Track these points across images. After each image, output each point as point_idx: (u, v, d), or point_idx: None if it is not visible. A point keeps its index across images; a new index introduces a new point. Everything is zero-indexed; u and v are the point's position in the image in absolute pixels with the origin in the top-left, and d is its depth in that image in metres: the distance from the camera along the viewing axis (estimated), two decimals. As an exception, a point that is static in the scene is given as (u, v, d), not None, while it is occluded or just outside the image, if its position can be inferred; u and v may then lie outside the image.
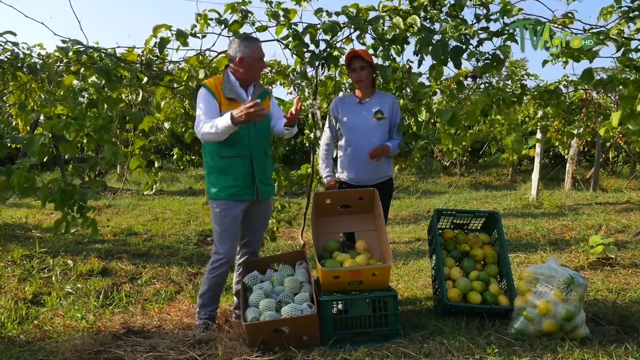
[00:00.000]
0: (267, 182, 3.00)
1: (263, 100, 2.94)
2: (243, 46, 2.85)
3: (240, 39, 2.89)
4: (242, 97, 2.90)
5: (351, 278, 2.72)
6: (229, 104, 2.84)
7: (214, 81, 2.91)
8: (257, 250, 3.16)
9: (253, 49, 2.86)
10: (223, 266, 2.91)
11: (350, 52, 3.23)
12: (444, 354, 2.48)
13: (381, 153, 3.17)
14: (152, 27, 3.30)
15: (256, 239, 3.12)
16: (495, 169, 13.07)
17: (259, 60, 2.89)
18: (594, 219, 6.18)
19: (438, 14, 3.31)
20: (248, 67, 2.87)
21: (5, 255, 4.49)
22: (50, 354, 2.56)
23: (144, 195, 9.28)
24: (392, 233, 6.09)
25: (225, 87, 2.87)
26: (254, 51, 2.86)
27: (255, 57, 2.87)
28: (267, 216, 3.13)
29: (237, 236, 2.97)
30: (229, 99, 2.85)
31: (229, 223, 2.90)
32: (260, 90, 2.99)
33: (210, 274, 2.94)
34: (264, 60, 2.94)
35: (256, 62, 2.89)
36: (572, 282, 2.62)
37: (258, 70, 2.94)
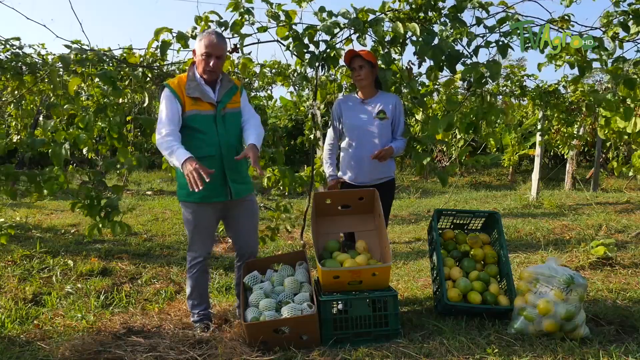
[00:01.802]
0: (242, 181, 2.88)
1: (229, 99, 2.83)
2: (199, 37, 2.74)
3: (204, 32, 2.76)
4: (209, 95, 2.77)
5: (351, 278, 2.72)
6: (193, 104, 2.72)
7: (177, 81, 2.77)
8: (254, 251, 3.08)
9: (204, 42, 2.70)
10: (198, 264, 2.93)
11: (349, 52, 3.22)
12: (444, 354, 2.48)
13: (385, 155, 3.17)
14: (154, 29, 3.32)
15: (249, 241, 3.03)
16: (495, 169, 13.07)
17: (205, 55, 2.69)
18: (594, 219, 6.18)
19: (437, 16, 3.31)
20: (198, 61, 2.75)
21: (5, 255, 4.49)
22: (50, 354, 2.56)
23: (144, 195, 9.29)
24: (392, 233, 6.08)
25: (190, 85, 2.73)
26: (201, 44, 2.70)
27: (202, 49, 2.70)
28: (252, 215, 3.01)
29: (212, 234, 2.96)
30: (194, 98, 2.72)
31: (200, 227, 2.85)
32: (227, 87, 2.83)
33: (189, 273, 2.96)
34: (213, 57, 2.70)
35: (202, 56, 2.70)
36: (572, 282, 2.62)
37: (204, 66, 2.71)
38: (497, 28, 3.15)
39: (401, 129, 3.28)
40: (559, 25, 3.29)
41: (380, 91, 3.32)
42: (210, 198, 2.80)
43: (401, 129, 3.28)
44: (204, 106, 2.76)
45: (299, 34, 3.38)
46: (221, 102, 2.80)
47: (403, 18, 3.29)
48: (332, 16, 3.37)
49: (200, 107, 2.75)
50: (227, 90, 2.84)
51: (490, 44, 3.16)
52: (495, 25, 3.15)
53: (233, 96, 2.86)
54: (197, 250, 2.91)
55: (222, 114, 2.80)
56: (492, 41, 3.16)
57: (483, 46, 3.19)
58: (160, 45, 3.32)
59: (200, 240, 2.90)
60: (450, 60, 3.15)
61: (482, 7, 3.17)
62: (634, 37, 3.19)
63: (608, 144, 9.35)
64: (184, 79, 2.78)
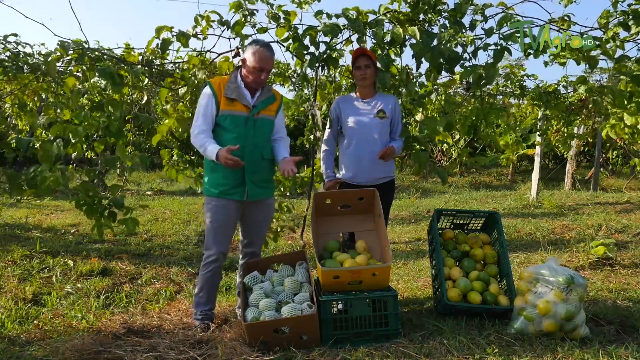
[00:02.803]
0: (261, 185, 2.96)
1: (265, 106, 2.93)
2: (251, 49, 2.85)
3: (256, 42, 2.87)
4: (246, 98, 2.89)
5: (351, 278, 2.72)
6: (228, 104, 2.85)
7: (219, 80, 2.92)
8: (257, 251, 3.14)
9: (256, 55, 2.82)
10: (214, 262, 2.95)
11: (358, 50, 3.24)
12: (444, 354, 2.48)
13: (389, 155, 3.18)
14: (155, 28, 3.32)
15: (257, 240, 3.12)
16: (495, 169, 13.07)
17: (257, 70, 2.83)
18: (594, 219, 6.18)
19: (437, 17, 3.32)
20: (247, 70, 2.86)
21: (5, 255, 4.49)
22: (50, 354, 2.56)
23: (144, 195, 9.29)
24: (392, 233, 6.09)
25: (230, 87, 2.87)
26: (255, 58, 2.82)
27: (254, 64, 2.83)
28: (266, 217, 3.11)
29: (229, 234, 2.98)
30: (230, 99, 2.85)
31: (220, 220, 2.93)
32: (266, 95, 2.96)
33: (202, 271, 2.98)
34: (265, 71, 2.86)
35: (253, 70, 2.84)
36: (572, 282, 2.62)
37: (254, 78, 2.86)
38: (497, 30, 3.15)
39: (400, 130, 3.29)
40: (559, 26, 3.29)
41: (378, 92, 3.33)
42: (229, 195, 2.90)
43: (400, 130, 3.29)
44: (238, 107, 2.87)
45: (299, 35, 3.39)
46: (256, 107, 2.90)
47: (403, 20, 3.29)
48: (331, 18, 3.38)
49: (234, 108, 2.87)
50: (265, 98, 2.95)
51: (488, 46, 3.16)
52: (493, 28, 3.15)
53: (269, 104, 2.96)
54: (212, 248, 2.95)
55: (255, 118, 2.89)
56: (491, 44, 3.16)
57: (482, 48, 3.19)
58: (161, 43, 3.33)
59: (215, 237, 2.95)
60: (450, 62, 3.16)
61: (481, 12, 3.18)
62: (634, 37, 3.20)
63: (608, 144, 9.36)
64: (226, 80, 2.92)
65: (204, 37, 3.48)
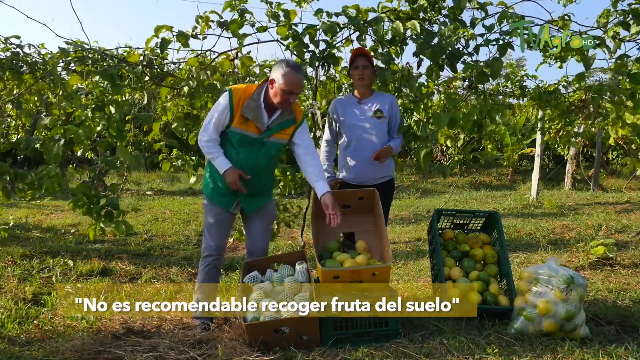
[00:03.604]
0: (259, 195, 2.98)
1: (279, 130, 2.83)
2: (280, 70, 2.71)
3: (287, 63, 2.74)
4: (262, 120, 2.78)
5: (351, 278, 2.72)
6: (242, 122, 2.77)
7: (241, 93, 2.78)
8: (261, 249, 3.11)
9: (287, 78, 2.69)
10: (209, 258, 2.99)
11: (357, 49, 3.24)
12: (444, 354, 2.48)
13: (385, 155, 3.17)
14: (154, 27, 3.32)
15: (259, 240, 3.10)
16: (495, 169, 13.07)
17: (286, 92, 2.71)
18: (594, 219, 6.18)
19: (436, 15, 3.32)
20: (275, 91, 2.74)
21: (5, 255, 4.49)
22: (50, 354, 2.56)
23: (144, 195, 9.29)
24: (392, 233, 6.08)
25: (249, 105, 2.76)
26: (285, 81, 2.69)
27: (283, 86, 2.70)
28: (266, 218, 3.10)
29: (224, 234, 3.03)
30: (245, 118, 2.76)
31: (214, 219, 2.97)
32: (284, 117, 2.84)
33: (199, 267, 3.04)
34: (294, 94, 2.74)
35: (282, 92, 2.71)
36: (572, 282, 2.62)
37: (282, 100, 2.73)
38: (497, 26, 3.16)
39: (397, 127, 3.29)
40: (559, 25, 3.29)
41: (375, 91, 3.34)
42: (222, 203, 2.96)
43: (397, 127, 3.29)
44: (250, 127, 2.80)
45: (299, 33, 3.39)
46: (269, 130, 2.83)
47: (403, 17, 3.29)
48: (330, 16, 3.38)
49: (246, 128, 2.79)
50: (282, 121, 2.85)
51: (490, 42, 3.16)
52: (494, 24, 3.15)
53: (285, 128, 2.87)
54: (206, 243, 3.01)
55: (264, 141, 2.84)
56: (492, 39, 3.16)
57: (483, 44, 3.19)
58: (160, 43, 3.32)
59: (209, 235, 3.00)
60: (451, 58, 3.16)
61: (481, 7, 3.18)
62: (635, 37, 3.20)
63: (609, 144, 9.35)
64: (248, 93, 2.78)
65: (203, 37, 3.48)
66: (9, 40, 3.34)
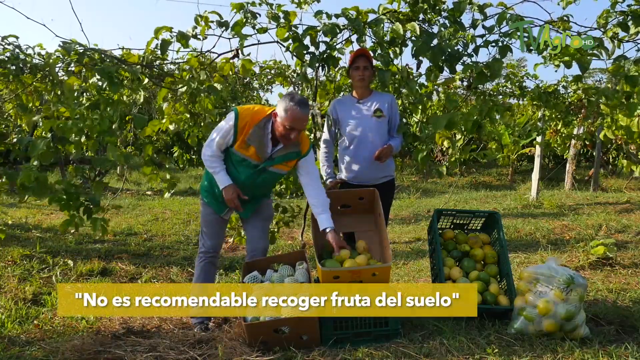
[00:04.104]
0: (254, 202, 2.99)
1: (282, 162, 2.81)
2: (284, 105, 2.65)
3: (291, 98, 2.66)
4: (266, 150, 2.77)
5: (351, 278, 2.72)
6: (244, 147, 2.75)
7: (250, 118, 2.73)
8: (260, 246, 3.11)
9: (290, 113, 2.63)
10: (205, 254, 3.05)
11: (358, 50, 3.25)
12: (444, 354, 2.48)
13: (386, 154, 3.18)
14: (154, 28, 3.32)
15: (258, 238, 3.10)
16: (495, 169, 13.07)
17: (287, 128, 2.66)
18: (594, 219, 6.18)
19: (436, 17, 3.32)
20: (277, 125, 2.71)
21: (5, 255, 4.49)
22: (50, 354, 2.56)
23: (144, 195, 9.28)
24: (392, 233, 6.08)
25: (255, 133, 2.72)
26: (288, 116, 2.64)
27: (285, 122, 2.65)
28: (262, 217, 3.11)
29: (217, 235, 3.09)
30: (248, 144, 2.74)
31: (209, 220, 3.04)
32: (290, 150, 2.80)
33: (196, 263, 3.11)
34: (296, 131, 2.67)
35: (283, 127, 2.67)
36: (572, 282, 2.62)
37: (283, 135, 2.69)
38: (496, 28, 3.16)
39: (397, 126, 3.29)
40: (559, 26, 3.29)
41: (374, 91, 3.34)
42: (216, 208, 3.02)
43: (397, 126, 3.29)
44: (252, 155, 2.78)
45: (299, 35, 3.39)
46: (271, 160, 2.81)
47: (402, 19, 3.30)
48: (330, 18, 3.38)
49: (247, 153, 2.78)
50: (286, 153, 2.81)
51: (490, 43, 3.16)
52: (493, 26, 3.16)
53: (288, 161, 2.84)
54: (202, 240, 3.08)
55: (264, 169, 2.83)
56: (492, 41, 3.17)
57: (483, 46, 3.20)
58: (160, 44, 3.33)
59: (205, 233, 3.07)
60: (451, 60, 3.17)
61: (480, 10, 3.19)
62: (634, 38, 3.20)
63: (609, 145, 9.35)
64: (257, 120, 2.72)
65: (203, 38, 3.48)
66: (7, 39, 3.33)
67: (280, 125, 2.68)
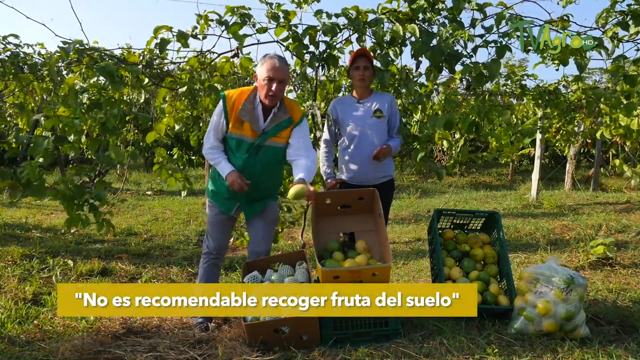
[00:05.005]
0: (259, 199, 2.95)
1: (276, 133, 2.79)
2: (261, 62, 2.69)
3: (267, 55, 2.71)
4: (258, 123, 2.76)
5: (351, 278, 2.72)
6: (238, 127, 2.75)
7: (236, 96, 2.76)
8: (263, 249, 3.09)
9: (265, 65, 2.65)
10: (209, 256, 3.03)
11: (359, 50, 3.25)
12: (444, 354, 2.48)
13: (385, 154, 3.18)
14: (153, 28, 3.32)
15: (261, 240, 3.07)
16: (495, 169, 13.07)
17: (266, 80, 2.65)
18: (594, 219, 6.18)
19: (436, 16, 3.32)
20: (259, 88, 2.71)
21: (5, 255, 4.49)
22: (50, 354, 2.56)
23: (144, 195, 9.29)
24: (392, 233, 6.08)
25: (245, 107, 2.73)
26: (265, 67, 2.66)
27: (263, 74, 2.66)
28: (268, 220, 3.06)
29: (223, 236, 3.05)
30: (241, 120, 2.74)
31: (215, 221, 3.01)
32: (280, 118, 2.78)
33: (200, 263, 3.09)
34: (275, 80, 2.65)
35: (262, 83, 2.67)
36: (572, 282, 2.62)
37: (265, 92, 2.68)
38: (496, 28, 3.16)
39: (397, 127, 3.29)
40: (559, 26, 3.29)
41: (374, 91, 3.34)
42: (222, 206, 2.98)
43: (397, 127, 3.29)
44: (246, 131, 2.77)
45: (299, 34, 3.39)
46: (265, 134, 2.80)
47: (402, 19, 3.30)
48: (330, 17, 3.38)
49: (242, 132, 2.77)
50: (278, 123, 2.80)
51: (489, 43, 3.16)
52: (492, 26, 3.16)
53: (281, 130, 2.81)
54: (207, 242, 3.06)
55: (260, 145, 2.80)
56: (491, 41, 3.17)
57: (482, 46, 3.20)
58: (159, 43, 3.32)
59: (210, 235, 3.05)
60: (450, 60, 3.17)
61: (479, 9, 3.19)
62: (634, 37, 3.20)
63: (609, 144, 9.35)
64: (244, 96, 2.76)
65: (203, 37, 3.48)
66: (7, 39, 3.33)
67: (261, 82, 2.69)
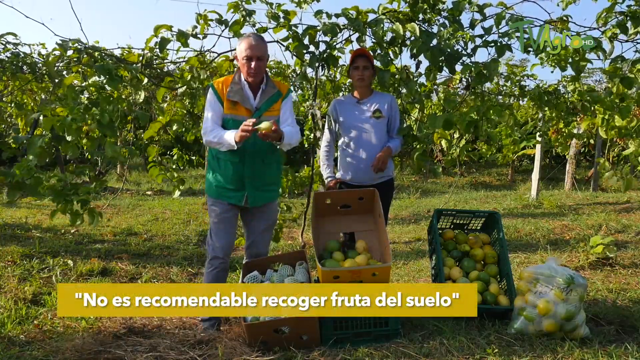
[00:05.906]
0: (263, 189, 2.92)
1: (268, 107, 2.82)
2: (238, 42, 2.77)
3: (245, 35, 2.79)
4: (249, 101, 2.80)
5: (351, 278, 2.72)
6: (231, 107, 2.78)
7: (222, 81, 2.82)
8: (261, 252, 3.09)
9: (243, 44, 2.71)
10: (216, 260, 2.94)
11: (358, 50, 3.24)
12: (444, 354, 2.48)
13: (384, 160, 3.18)
14: (153, 27, 3.31)
15: (259, 241, 3.06)
16: (495, 169, 13.07)
17: (245, 59, 2.70)
18: (594, 219, 6.18)
19: (436, 16, 3.33)
20: (240, 65, 2.78)
21: (5, 255, 4.49)
22: (50, 354, 2.56)
23: (144, 195, 9.29)
24: (392, 233, 6.08)
25: (233, 88, 2.78)
26: (240, 48, 2.73)
27: (241, 54, 2.71)
28: (269, 218, 3.05)
29: (230, 233, 2.97)
30: (233, 102, 2.78)
31: (218, 219, 2.92)
32: (270, 93, 2.83)
33: (205, 270, 3.00)
34: (254, 58, 2.69)
35: (243, 60, 2.72)
36: (572, 282, 2.62)
37: (247, 69, 2.72)
38: (495, 28, 3.16)
39: (397, 127, 3.29)
40: (559, 26, 3.30)
41: (374, 91, 3.34)
42: (227, 198, 2.88)
43: (397, 127, 3.29)
44: (240, 111, 2.79)
45: (299, 34, 3.39)
46: (259, 110, 2.82)
47: (402, 19, 3.30)
48: (330, 17, 3.38)
49: (237, 112, 2.79)
50: (268, 98, 2.83)
51: (489, 43, 3.17)
52: (492, 26, 3.16)
53: (273, 104, 2.84)
54: (212, 245, 2.95)
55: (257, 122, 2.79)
56: (491, 41, 3.17)
57: (482, 46, 3.20)
58: (159, 42, 3.32)
59: (216, 236, 2.94)
60: (450, 59, 3.17)
61: (479, 10, 3.19)
62: (633, 38, 3.21)
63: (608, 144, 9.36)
64: (229, 80, 2.82)
65: (203, 36, 3.48)
66: (5, 37, 3.31)
67: (241, 62, 2.73)
